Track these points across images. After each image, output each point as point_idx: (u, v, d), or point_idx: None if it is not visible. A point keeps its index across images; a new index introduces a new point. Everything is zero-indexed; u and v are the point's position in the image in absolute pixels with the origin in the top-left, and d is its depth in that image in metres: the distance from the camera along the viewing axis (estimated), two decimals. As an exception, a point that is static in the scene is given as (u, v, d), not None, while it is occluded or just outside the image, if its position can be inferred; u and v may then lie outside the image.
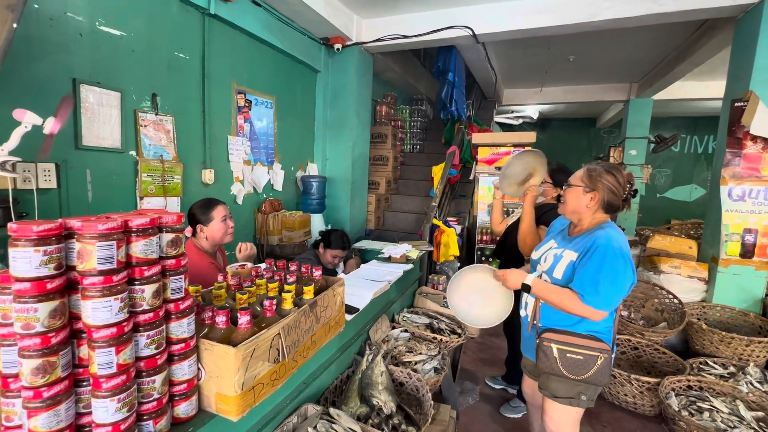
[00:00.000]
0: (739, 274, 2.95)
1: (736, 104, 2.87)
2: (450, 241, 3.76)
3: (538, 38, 3.97)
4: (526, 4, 3.50)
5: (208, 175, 2.92)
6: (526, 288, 1.51)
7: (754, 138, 2.82)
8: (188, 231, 1.93)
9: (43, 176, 1.96)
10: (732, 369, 2.54)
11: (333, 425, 1.31)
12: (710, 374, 2.53)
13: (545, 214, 2.04)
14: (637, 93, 6.36)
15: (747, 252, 2.90)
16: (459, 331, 2.36)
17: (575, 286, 1.37)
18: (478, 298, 1.77)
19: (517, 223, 2.21)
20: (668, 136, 5.93)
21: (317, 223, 3.94)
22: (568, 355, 1.42)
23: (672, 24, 3.51)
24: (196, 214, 1.88)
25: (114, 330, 0.70)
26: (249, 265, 1.41)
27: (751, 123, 2.75)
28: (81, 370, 0.74)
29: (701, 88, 5.99)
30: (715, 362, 2.61)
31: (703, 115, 8.22)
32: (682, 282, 3.13)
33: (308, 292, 1.19)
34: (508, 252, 2.28)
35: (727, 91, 3.14)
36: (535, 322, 1.54)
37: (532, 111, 8.23)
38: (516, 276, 1.56)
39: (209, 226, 1.86)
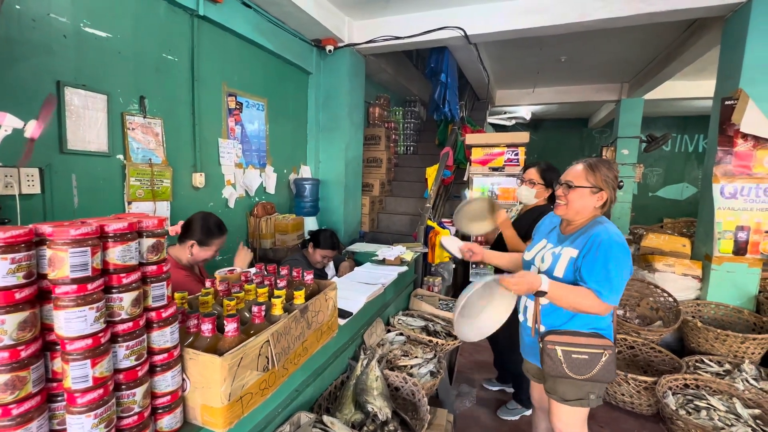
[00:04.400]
0: (733, 272, 2.96)
1: (726, 102, 2.88)
2: (445, 243, 3.74)
3: (529, 39, 3.98)
4: (517, 5, 3.50)
5: (198, 179, 2.88)
6: (540, 293, 1.39)
7: (745, 136, 2.83)
8: (173, 230, 1.82)
9: (26, 181, 1.90)
10: (728, 366, 2.54)
11: (326, 434, 1.28)
12: (706, 372, 2.52)
13: (536, 222, 1.98)
14: (628, 93, 6.41)
15: (740, 249, 2.91)
16: (454, 333, 2.34)
17: (589, 283, 1.33)
18: (477, 311, 1.55)
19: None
20: (659, 135, 5.98)
21: (311, 226, 3.90)
22: (573, 356, 1.39)
23: (662, 24, 3.54)
24: (198, 230, 1.76)
25: (89, 341, 0.66)
26: (238, 269, 1.37)
27: (741, 120, 2.77)
28: (55, 384, 0.70)
29: (691, 87, 6.05)
30: (710, 360, 2.61)
31: (693, 114, 8.32)
32: (676, 280, 3.13)
33: (299, 297, 1.15)
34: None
35: (717, 89, 3.16)
36: (537, 325, 1.50)
37: (525, 112, 8.26)
38: (531, 281, 1.38)
39: (202, 250, 1.76)
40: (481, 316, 1.59)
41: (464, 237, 3.30)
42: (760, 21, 2.77)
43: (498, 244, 2.36)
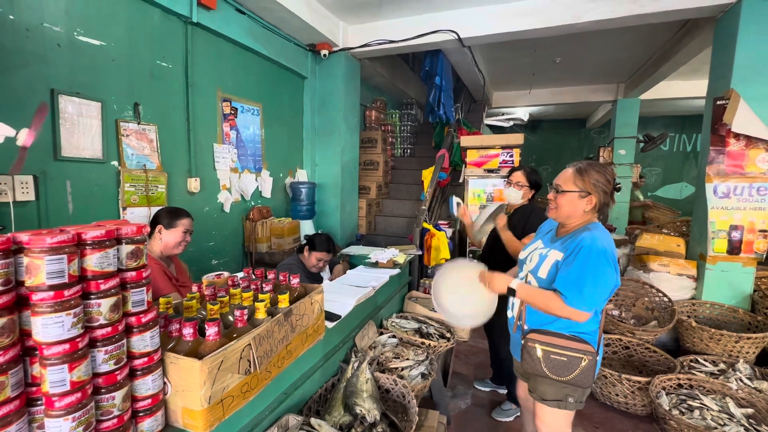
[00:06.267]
0: (727, 271, 2.96)
1: (718, 102, 2.89)
2: (441, 245, 3.76)
3: (523, 41, 4.00)
4: (510, 7, 3.52)
5: (193, 184, 2.90)
6: (511, 292, 1.49)
7: (737, 135, 2.84)
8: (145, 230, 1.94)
9: (20, 189, 1.93)
10: (722, 366, 2.54)
11: (313, 436, 1.29)
12: (700, 372, 2.52)
13: (529, 220, 2.08)
14: (624, 93, 6.41)
15: (734, 248, 2.91)
16: (448, 335, 2.34)
17: (558, 286, 1.36)
18: (460, 296, 1.71)
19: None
20: (656, 135, 5.98)
21: (307, 230, 3.92)
22: (552, 356, 1.41)
23: (655, 24, 3.55)
24: (162, 216, 1.89)
25: (66, 346, 0.68)
26: (225, 274, 1.39)
27: (732, 120, 2.77)
28: (34, 388, 0.71)
29: (687, 86, 6.05)
30: (705, 359, 2.61)
31: (690, 113, 8.31)
32: (671, 280, 3.13)
33: (283, 300, 1.17)
34: (495, 258, 2.28)
35: (709, 89, 3.17)
36: (520, 323, 1.53)
37: (522, 113, 8.27)
38: (501, 281, 1.53)
39: (170, 231, 1.86)
40: (468, 304, 1.69)
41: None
42: (750, 21, 2.78)
43: (489, 249, 2.40)
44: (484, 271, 1.62)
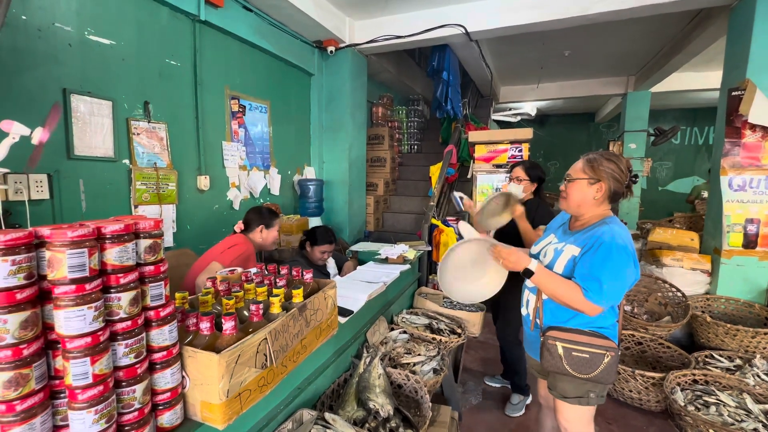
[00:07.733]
0: (743, 265, 2.91)
1: (734, 93, 2.83)
2: (449, 241, 3.74)
3: (531, 34, 3.95)
4: (518, 0, 3.48)
5: (203, 182, 2.92)
6: (527, 273, 1.42)
7: (753, 127, 2.78)
8: (238, 227, 2.21)
9: (35, 187, 1.96)
10: (738, 361, 2.50)
11: (328, 430, 1.29)
12: (716, 367, 2.48)
13: (537, 214, 2.07)
14: (634, 86, 6.32)
15: (750, 242, 2.85)
16: (459, 331, 2.33)
17: (579, 280, 1.33)
18: (467, 271, 1.67)
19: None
20: (667, 128, 5.88)
21: (315, 227, 3.92)
22: (573, 353, 1.38)
23: (666, 15, 3.49)
24: (263, 217, 2.18)
25: (88, 340, 0.68)
26: (239, 269, 1.40)
27: (749, 111, 2.72)
28: (57, 381, 0.72)
29: (699, 78, 5.94)
30: (720, 355, 2.57)
31: (702, 106, 8.16)
32: (685, 275, 3.08)
33: (297, 295, 1.17)
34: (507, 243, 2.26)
35: (723, 80, 3.10)
36: (537, 320, 1.50)
37: (530, 108, 8.19)
38: (520, 258, 1.44)
39: (270, 230, 2.18)
40: (475, 281, 1.70)
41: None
42: (766, 9, 2.71)
43: (499, 236, 2.38)
44: (497, 245, 1.55)
